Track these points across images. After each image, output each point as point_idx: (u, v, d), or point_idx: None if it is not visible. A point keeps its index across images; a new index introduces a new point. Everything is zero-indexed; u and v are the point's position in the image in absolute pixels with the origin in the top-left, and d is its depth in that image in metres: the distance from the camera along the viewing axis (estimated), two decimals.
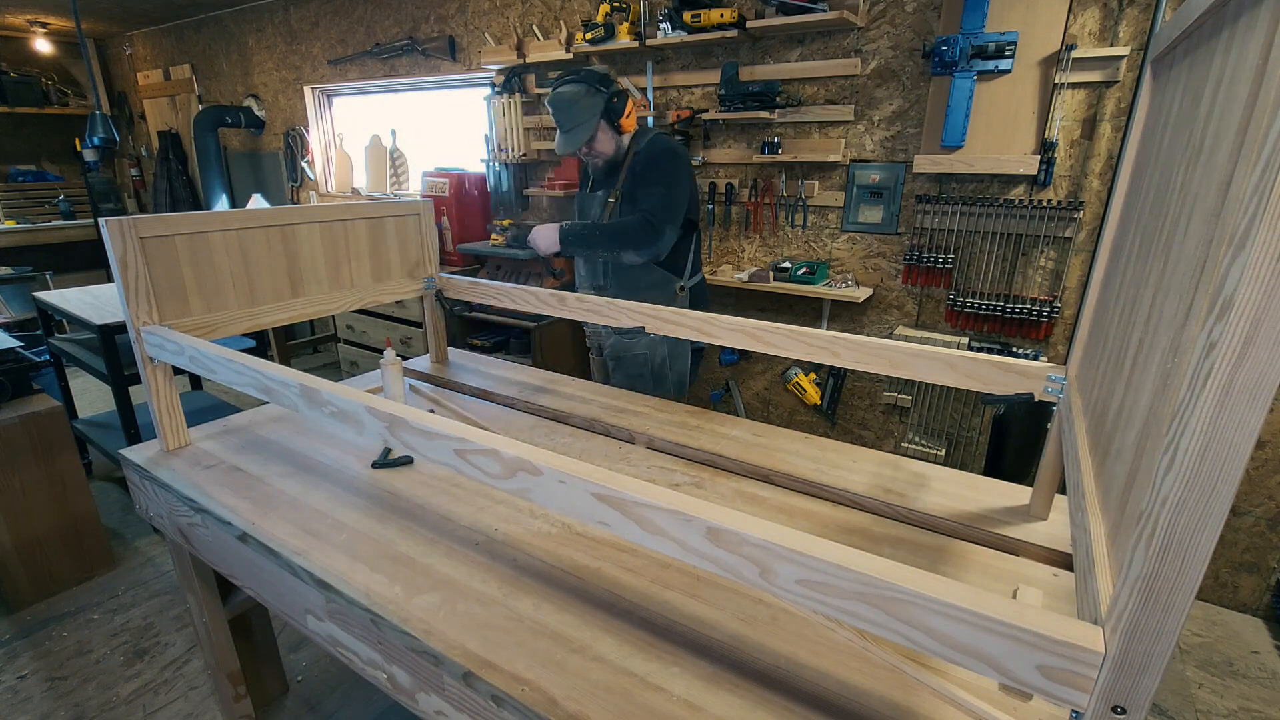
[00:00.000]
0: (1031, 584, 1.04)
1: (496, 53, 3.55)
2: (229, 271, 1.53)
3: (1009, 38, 2.22)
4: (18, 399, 2.32)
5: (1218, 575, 2.39)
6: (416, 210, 1.97)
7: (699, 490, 1.34)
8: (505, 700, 0.85)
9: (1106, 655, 0.53)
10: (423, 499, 1.30)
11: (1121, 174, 1.05)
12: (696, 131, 3.11)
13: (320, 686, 2.01)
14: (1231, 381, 0.43)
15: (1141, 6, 2.13)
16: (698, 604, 1.01)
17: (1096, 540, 0.68)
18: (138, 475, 1.48)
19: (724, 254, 3.26)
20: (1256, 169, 0.41)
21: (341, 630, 1.10)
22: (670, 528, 0.75)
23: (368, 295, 1.86)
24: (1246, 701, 1.98)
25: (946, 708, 0.82)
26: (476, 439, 0.91)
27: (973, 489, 1.32)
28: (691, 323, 1.53)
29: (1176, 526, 0.47)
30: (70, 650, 2.14)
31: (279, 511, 1.26)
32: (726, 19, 2.73)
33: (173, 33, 5.72)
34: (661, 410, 1.71)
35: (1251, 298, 0.41)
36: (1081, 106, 2.28)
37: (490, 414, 1.73)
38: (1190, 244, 0.59)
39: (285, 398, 1.17)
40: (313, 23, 4.61)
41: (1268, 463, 2.22)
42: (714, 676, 0.87)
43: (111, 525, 2.83)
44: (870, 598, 0.63)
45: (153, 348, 1.39)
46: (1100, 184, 2.31)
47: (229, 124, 5.19)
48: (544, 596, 1.02)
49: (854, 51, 2.66)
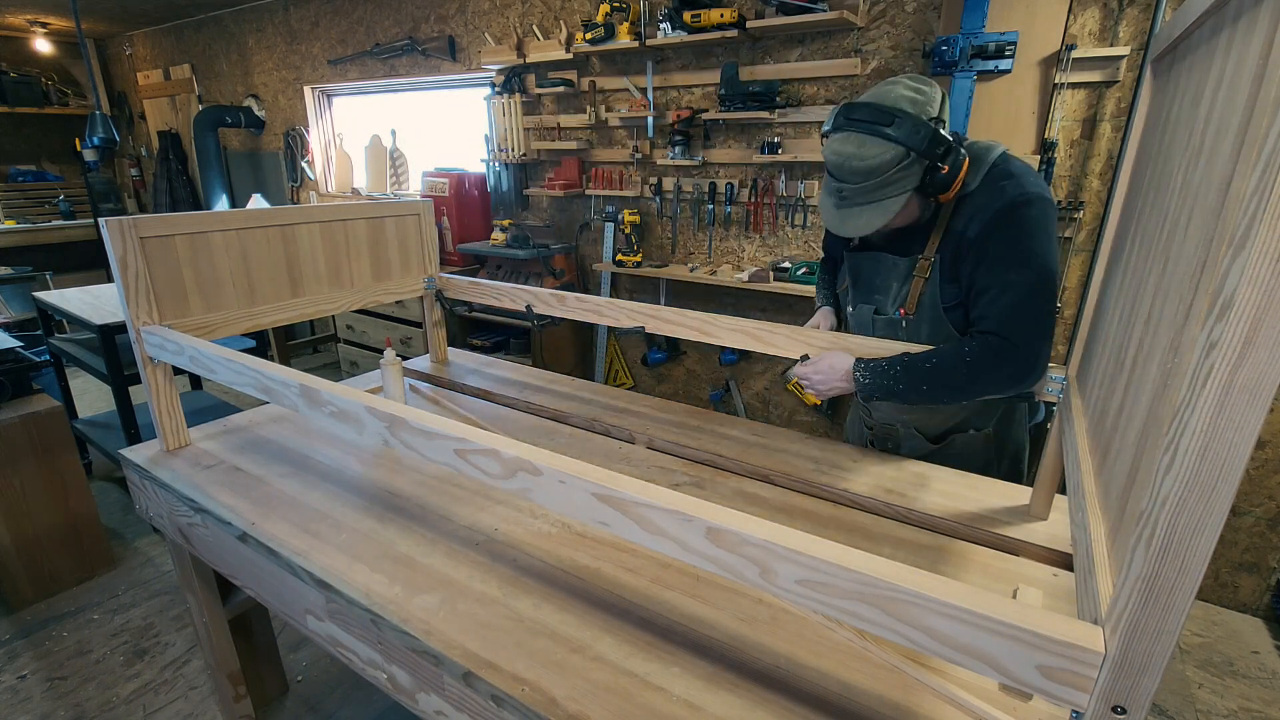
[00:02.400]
0: (1031, 584, 1.04)
1: (496, 53, 3.55)
2: (229, 271, 1.53)
3: (1009, 38, 2.22)
4: (18, 399, 2.32)
5: (1218, 575, 2.39)
6: (416, 210, 1.97)
7: (699, 490, 1.34)
8: (505, 700, 0.85)
9: (1106, 655, 0.53)
10: (423, 499, 1.30)
11: (1121, 174, 1.05)
12: (696, 131, 3.11)
13: (320, 686, 2.01)
14: (1231, 381, 0.43)
15: (1141, 6, 2.13)
16: (698, 604, 1.01)
17: (1096, 540, 0.68)
18: (138, 475, 1.48)
19: (724, 254, 3.26)
20: (1256, 169, 0.41)
21: (341, 630, 1.10)
22: (670, 528, 0.75)
23: (368, 295, 1.86)
24: (1246, 701, 1.98)
25: (946, 708, 0.82)
26: (476, 439, 0.91)
27: (973, 489, 1.32)
28: (692, 323, 1.54)
29: (1176, 526, 0.47)
30: (70, 650, 2.14)
31: (279, 511, 1.26)
32: (726, 19, 2.73)
33: (173, 33, 5.72)
34: (661, 410, 1.71)
35: (1251, 298, 0.41)
36: (1081, 106, 2.28)
37: (490, 414, 1.73)
38: (1190, 244, 0.59)
39: (285, 398, 1.17)
40: (313, 23, 4.61)
41: (1268, 463, 2.22)
42: (714, 676, 0.87)
43: (111, 525, 2.83)
44: (870, 598, 0.63)
45: (153, 348, 1.39)
46: (1100, 184, 2.31)
47: (229, 124, 5.19)
48: (544, 596, 1.02)
49: (854, 51, 2.66)
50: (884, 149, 1.13)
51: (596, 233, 3.67)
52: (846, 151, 1.15)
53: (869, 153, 1.14)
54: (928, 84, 1.18)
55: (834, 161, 1.18)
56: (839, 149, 1.16)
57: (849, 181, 1.18)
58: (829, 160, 1.19)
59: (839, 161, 1.17)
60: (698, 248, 3.34)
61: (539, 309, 1.79)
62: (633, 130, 3.35)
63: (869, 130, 1.13)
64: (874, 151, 1.13)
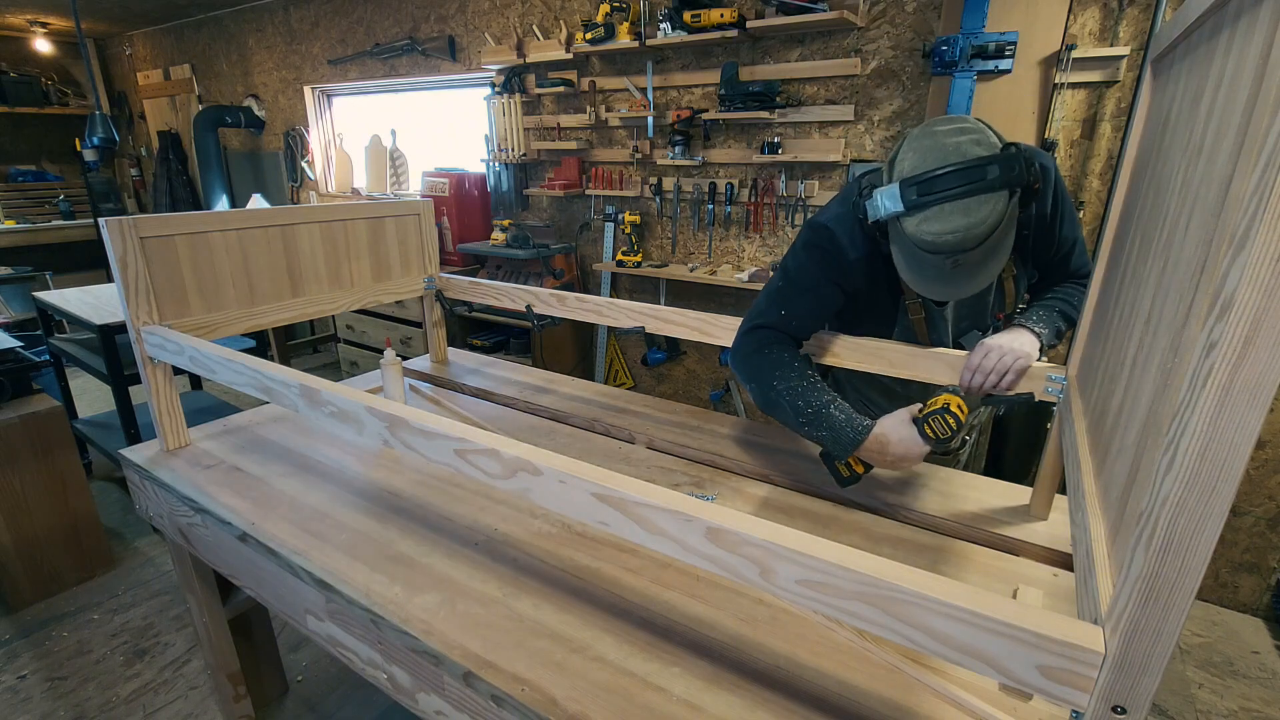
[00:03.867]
0: (1031, 584, 1.04)
1: (496, 53, 3.55)
2: (229, 271, 1.53)
3: (1009, 38, 2.22)
4: (18, 399, 2.32)
5: (1218, 575, 2.39)
6: (416, 210, 1.97)
7: (699, 490, 1.34)
8: (505, 700, 0.85)
9: (1106, 655, 0.53)
10: (423, 499, 1.30)
11: (1121, 174, 1.05)
12: (696, 131, 3.11)
13: (320, 686, 2.01)
14: (1231, 381, 0.43)
15: (1141, 6, 2.13)
16: (698, 604, 1.01)
17: (1096, 540, 0.68)
18: (138, 475, 1.48)
19: (724, 254, 3.26)
20: (1256, 169, 0.41)
21: (341, 630, 1.10)
22: (670, 528, 0.75)
23: (368, 295, 1.86)
24: (1246, 701, 1.98)
25: (946, 708, 0.82)
26: (476, 439, 0.91)
27: (973, 489, 1.32)
28: (692, 323, 1.54)
29: (1176, 526, 0.47)
30: (70, 650, 2.14)
31: (279, 511, 1.26)
32: (726, 19, 2.73)
33: (173, 33, 5.72)
34: (661, 410, 1.71)
35: (1251, 298, 0.41)
36: (1081, 106, 2.28)
37: (490, 414, 1.73)
38: (1190, 244, 0.59)
39: (285, 398, 1.17)
40: (313, 23, 4.61)
41: (1268, 463, 2.22)
42: (714, 676, 0.87)
43: (111, 525, 2.83)
44: (870, 598, 0.63)
45: (153, 348, 1.39)
46: (1100, 184, 2.31)
47: (229, 124, 5.19)
48: (544, 596, 1.02)
49: (854, 51, 2.66)
50: (994, 200, 1.00)
51: (596, 233, 3.67)
52: (958, 225, 1.01)
53: (982, 214, 1.00)
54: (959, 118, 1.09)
55: (949, 241, 1.02)
56: (946, 226, 1.01)
57: (971, 249, 1.04)
58: (935, 244, 1.03)
59: (956, 240, 1.02)
60: (698, 248, 3.34)
61: (539, 309, 1.79)
62: (633, 130, 3.35)
63: (967, 193, 1.00)
64: (986, 210, 1.00)
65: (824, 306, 1.29)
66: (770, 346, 1.27)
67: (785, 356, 1.25)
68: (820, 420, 1.17)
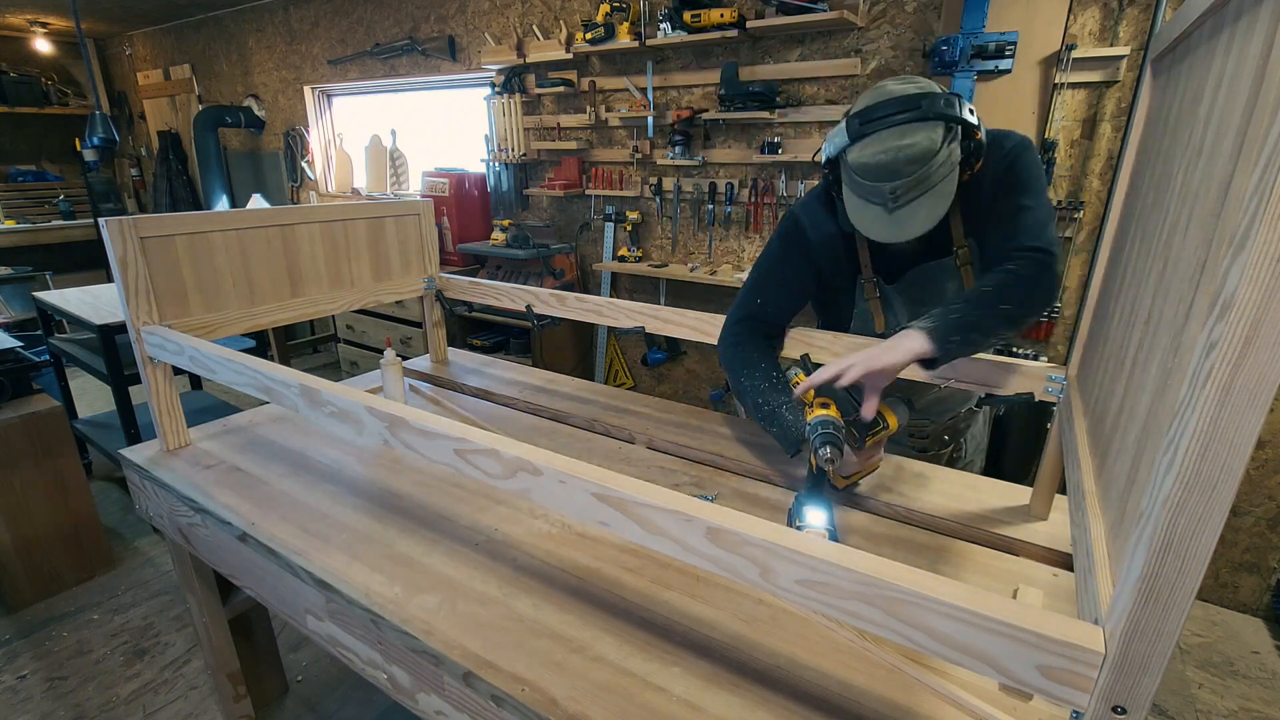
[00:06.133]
0: (1031, 584, 1.04)
1: (496, 53, 3.55)
2: (229, 271, 1.53)
3: (1009, 38, 2.22)
4: (18, 399, 2.32)
5: (1218, 575, 2.39)
6: (416, 210, 1.97)
7: (699, 490, 1.34)
8: (505, 700, 0.85)
9: (1107, 655, 0.53)
10: (423, 499, 1.30)
11: (1121, 174, 1.05)
12: (696, 131, 3.11)
13: (320, 686, 2.01)
14: (1231, 381, 0.43)
15: (1141, 6, 2.13)
16: (698, 604, 1.01)
17: (1096, 540, 0.68)
18: (138, 475, 1.48)
19: (724, 254, 3.26)
20: (1256, 169, 0.41)
21: (341, 630, 1.10)
22: (670, 528, 0.75)
23: (368, 295, 1.86)
24: (1246, 701, 1.98)
25: (946, 708, 0.82)
26: (476, 439, 0.91)
27: (973, 489, 1.32)
28: (692, 323, 1.54)
29: (1176, 526, 0.47)
30: (70, 650, 2.14)
31: (279, 511, 1.26)
32: (726, 19, 2.73)
33: (172, 33, 5.72)
34: (661, 410, 1.71)
35: (1251, 298, 0.41)
36: (1081, 106, 2.28)
37: (490, 414, 1.73)
38: (1190, 244, 0.59)
39: (285, 398, 1.17)
40: (313, 23, 4.61)
41: (1268, 463, 2.22)
42: (714, 676, 0.87)
43: (111, 525, 2.83)
44: (870, 598, 0.63)
45: (153, 348, 1.39)
46: (1100, 184, 2.31)
47: (229, 124, 5.19)
48: (544, 596, 1.02)
49: (854, 51, 2.66)
50: (928, 129, 1.06)
51: (596, 233, 3.67)
52: (890, 145, 1.06)
53: (916, 138, 1.06)
54: (909, 76, 1.16)
55: (881, 161, 1.07)
56: (880, 147, 1.07)
57: (903, 175, 1.07)
58: (869, 165, 1.08)
59: (887, 159, 1.06)
60: (698, 247, 3.34)
61: (539, 309, 1.79)
62: (633, 130, 3.35)
63: (903, 121, 1.07)
64: (920, 135, 1.06)
65: (795, 291, 1.39)
66: (745, 343, 1.37)
67: (755, 356, 1.33)
68: (773, 418, 1.24)
